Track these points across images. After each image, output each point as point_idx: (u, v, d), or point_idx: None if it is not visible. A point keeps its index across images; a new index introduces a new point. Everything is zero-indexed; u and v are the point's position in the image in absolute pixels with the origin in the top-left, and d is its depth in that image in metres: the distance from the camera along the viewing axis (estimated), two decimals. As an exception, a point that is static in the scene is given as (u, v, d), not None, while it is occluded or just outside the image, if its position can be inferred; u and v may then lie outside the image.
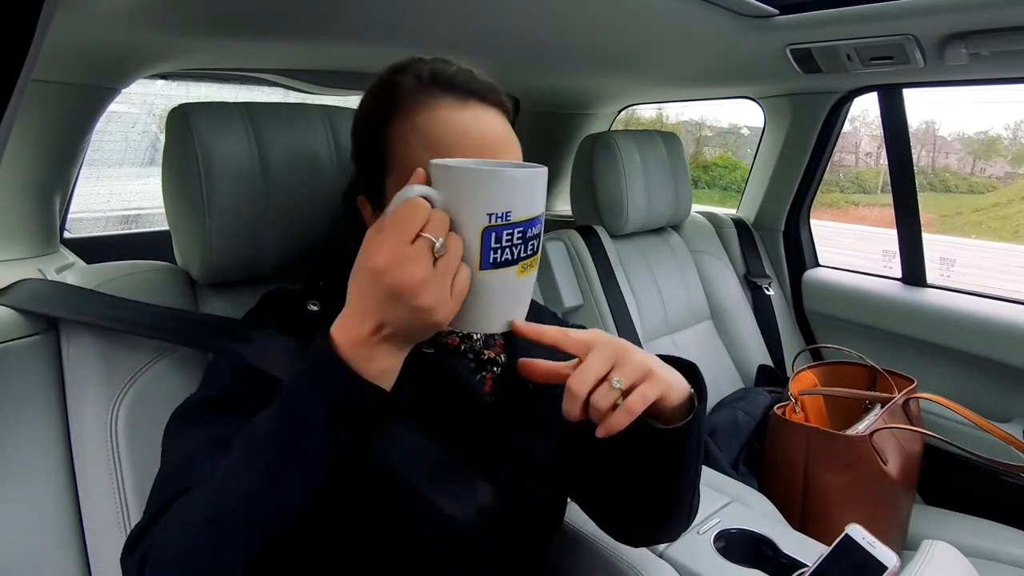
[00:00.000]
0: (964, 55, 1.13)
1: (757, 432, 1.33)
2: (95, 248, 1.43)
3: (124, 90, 1.04)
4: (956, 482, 1.38)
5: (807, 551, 0.82)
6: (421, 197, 0.43)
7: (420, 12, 0.94)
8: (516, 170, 0.44)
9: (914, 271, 1.57)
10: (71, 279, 0.69)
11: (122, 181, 2.22)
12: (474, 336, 0.63)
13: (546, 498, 0.64)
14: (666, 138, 1.54)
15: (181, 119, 0.65)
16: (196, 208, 0.65)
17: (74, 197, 1.36)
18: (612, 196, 1.42)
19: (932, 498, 1.42)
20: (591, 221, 1.48)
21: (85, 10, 0.71)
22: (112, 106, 1.05)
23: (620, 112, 2.05)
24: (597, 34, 1.14)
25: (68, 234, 1.50)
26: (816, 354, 1.69)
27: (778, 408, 1.24)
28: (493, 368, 0.63)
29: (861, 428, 1.15)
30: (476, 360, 0.62)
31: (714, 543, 0.83)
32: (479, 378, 0.62)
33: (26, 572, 0.62)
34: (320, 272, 0.66)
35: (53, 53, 0.81)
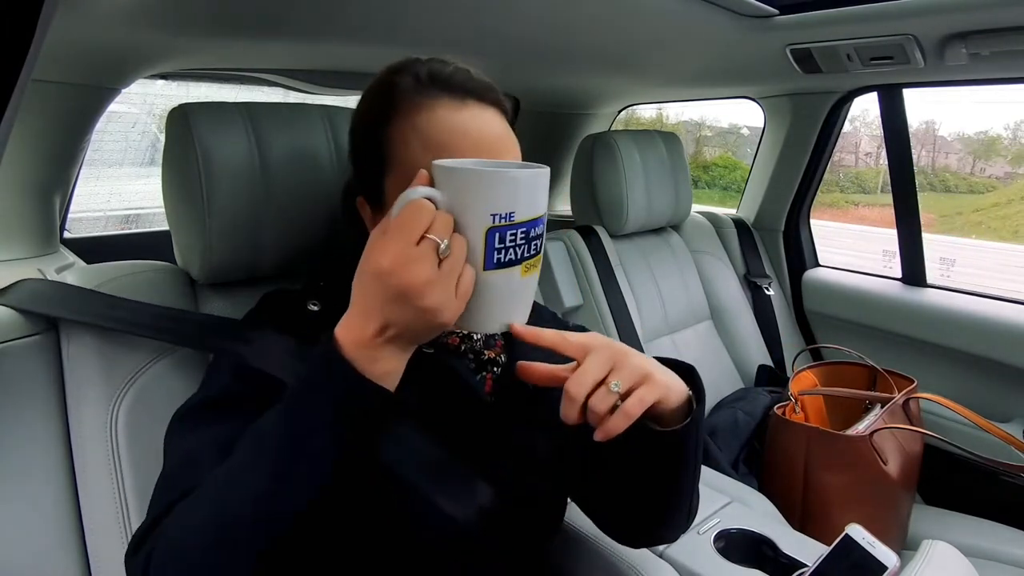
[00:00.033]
0: (964, 55, 1.13)
1: (757, 432, 1.33)
2: (95, 248, 1.43)
3: (124, 90, 1.04)
4: (956, 482, 1.38)
5: (807, 551, 0.82)
6: (425, 198, 0.43)
7: (420, 12, 0.94)
8: (519, 171, 0.44)
9: (914, 271, 1.57)
10: (71, 279, 0.69)
11: (122, 181, 2.22)
12: (474, 336, 0.63)
13: (546, 498, 0.64)
14: (666, 138, 1.54)
15: (181, 119, 0.65)
16: (196, 208, 0.65)
17: (74, 197, 1.36)
18: (612, 196, 1.42)
19: (932, 498, 1.42)
20: (591, 221, 1.48)
21: (85, 10, 0.71)
22: (112, 106, 1.05)
23: (620, 112, 2.05)
24: (597, 34, 1.14)
25: (68, 234, 1.50)
26: (816, 354, 1.69)
27: (778, 408, 1.24)
28: (493, 368, 0.63)
29: (861, 428, 1.15)
30: (476, 360, 0.62)
31: (714, 543, 0.83)
32: (479, 378, 0.62)
33: (26, 572, 0.62)
34: (320, 272, 0.66)
35: (53, 53, 0.81)
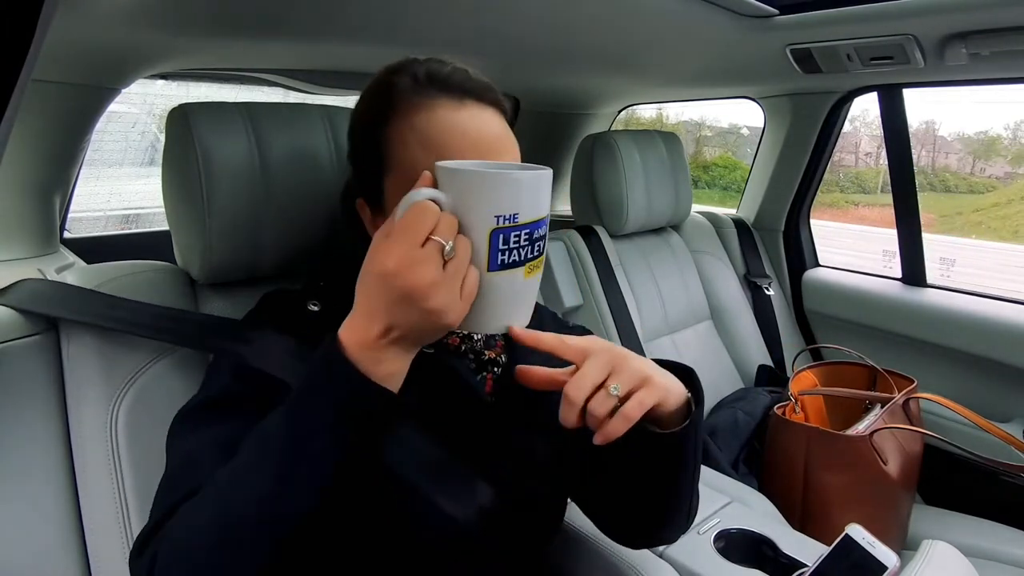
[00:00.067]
0: (964, 55, 1.13)
1: (757, 432, 1.33)
2: (95, 248, 1.43)
3: (124, 90, 1.04)
4: (956, 482, 1.38)
5: (807, 551, 0.82)
6: (429, 200, 0.43)
7: (420, 12, 0.94)
8: (522, 172, 0.44)
9: (914, 271, 1.57)
10: (71, 279, 0.69)
11: (122, 181, 2.23)
12: (475, 336, 0.63)
13: (546, 498, 0.64)
14: (666, 138, 1.54)
15: (181, 119, 0.65)
16: (196, 208, 0.65)
17: (74, 197, 1.36)
18: (612, 196, 1.42)
19: (932, 498, 1.42)
20: (591, 221, 1.48)
21: (85, 10, 0.71)
22: (112, 106, 1.05)
23: (620, 112, 2.05)
24: (597, 34, 1.14)
25: (68, 234, 1.50)
26: (816, 354, 1.69)
27: (778, 408, 1.24)
28: (494, 368, 0.63)
29: (861, 428, 1.15)
30: (477, 360, 0.62)
31: (714, 543, 0.83)
32: (480, 378, 0.62)
33: (26, 572, 0.62)
34: (320, 272, 0.66)
35: (53, 53, 0.81)
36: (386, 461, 0.52)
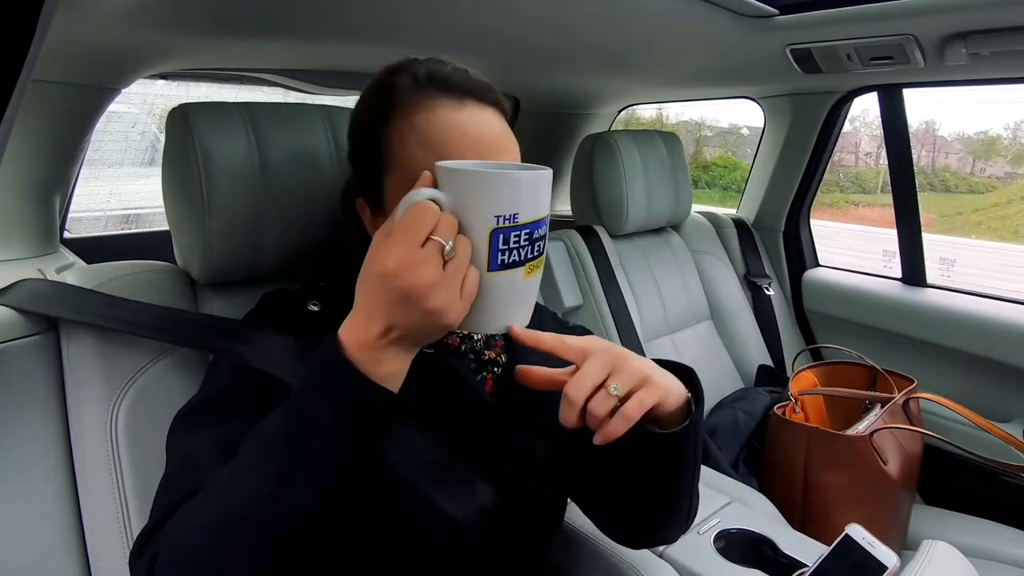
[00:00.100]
0: (964, 55, 1.13)
1: (757, 432, 1.33)
2: (95, 248, 1.43)
3: (124, 90, 1.04)
4: (956, 482, 1.38)
5: (807, 551, 0.82)
6: (429, 200, 0.43)
7: (420, 12, 0.94)
8: (522, 172, 0.44)
9: (914, 271, 1.57)
10: (71, 279, 0.69)
11: (122, 181, 2.23)
12: (474, 336, 0.63)
13: (546, 498, 0.64)
14: (666, 138, 1.54)
15: (181, 119, 0.65)
16: (196, 208, 0.65)
17: (74, 197, 1.36)
18: (612, 196, 1.42)
19: (932, 498, 1.42)
20: (591, 221, 1.48)
21: (85, 10, 0.71)
22: (112, 106, 1.05)
23: (620, 112, 2.05)
24: (597, 34, 1.14)
25: (68, 234, 1.50)
26: (816, 354, 1.69)
27: (778, 408, 1.24)
28: (494, 368, 0.63)
29: (861, 428, 1.15)
30: (476, 360, 0.62)
31: (714, 543, 0.83)
32: (480, 378, 0.62)
33: (26, 572, 0.62)
34: (320, 272, 0.66)
35: (53, 53, 0.81)
36: (386, 461, 0.52)
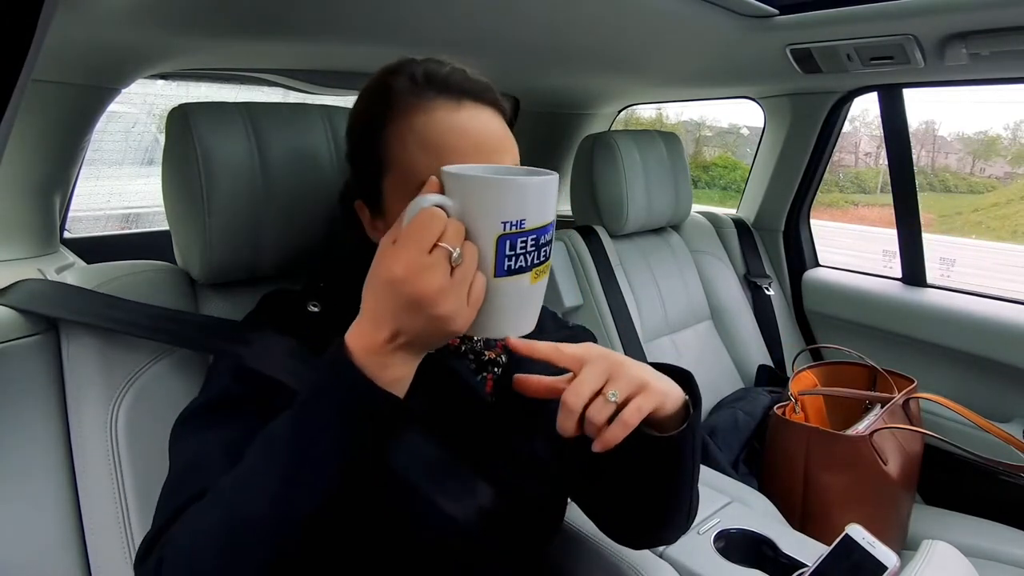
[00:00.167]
0: (964, 55, 1.13)
1: (757, 432, 1.33)
2: (95, 248, 1.43)
3: (124, 90, 1.04)
4: (956, 482, 1.38)
5: (807, 551, 0.82)
6: (436, 206, 0.43)
7: (420, 12, 0.94)
8: (529, 178, 0.44)
9: (914, 271, 1.57)
10: (71, 279, 0.68)
11: (122, 181, 2.22)
12: (475, 337, 0.63)
13: (546, 499, 0.64)
14: (666, 138, 1.54)
15: (181, 119, 0.65)
16: (196, 208, 0.65)
17: (74, 197, 1.36)
18: (612, 196, 1.42)
19: (932, 498, 1.42)
20: (591, 221, 1.48)
21: (85, 10, 0.71)
22: (112, 106, 1.05)
23: (620, 112, 2.05)
24: (597, 34, 1.14)
25: (68, 234, 1.50)
26: (816, 354, 1.69)
27: (778, 408, 1.24)
28: (494, 369, 0.63)
29: (861, 428, 1.15)
30: (477, 361, 0.62)
31: (714, 543, 0.83)
32: (480, 379, 0.62)
33: (26, 572, 0.61)
34: (320, 273, 0.66)
35: (53, 53, 0.81)
36: (386, 461, 0.52)
